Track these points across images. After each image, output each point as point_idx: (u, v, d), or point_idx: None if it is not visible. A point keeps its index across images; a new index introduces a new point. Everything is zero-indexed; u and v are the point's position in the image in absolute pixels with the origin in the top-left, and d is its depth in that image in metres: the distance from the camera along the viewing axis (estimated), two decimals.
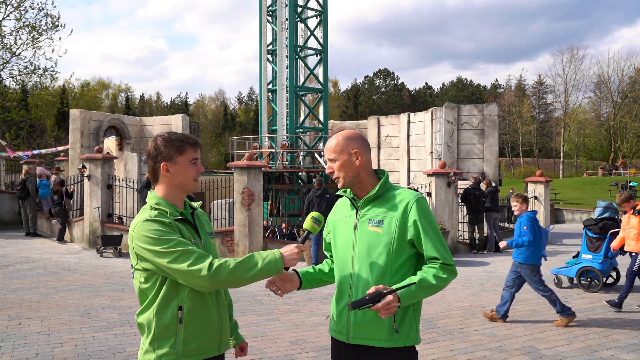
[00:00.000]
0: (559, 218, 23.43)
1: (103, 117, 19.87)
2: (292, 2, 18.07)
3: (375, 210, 2.28)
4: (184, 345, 2.10)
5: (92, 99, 59.87)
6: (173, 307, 2.10)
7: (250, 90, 79.64)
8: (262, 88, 19.17)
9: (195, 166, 2.21)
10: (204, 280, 1.99)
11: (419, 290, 2.15)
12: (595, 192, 30.89)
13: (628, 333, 5.89)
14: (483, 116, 17.94)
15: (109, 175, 13.30)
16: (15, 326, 6.02)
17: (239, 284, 2.08)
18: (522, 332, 5.92)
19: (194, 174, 2.21)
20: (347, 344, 2.28)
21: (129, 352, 5.12)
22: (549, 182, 15.96)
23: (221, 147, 60.86)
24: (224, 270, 2.00)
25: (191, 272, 1.99)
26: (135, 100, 74.12)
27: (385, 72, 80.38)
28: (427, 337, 5.65)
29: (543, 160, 63.37)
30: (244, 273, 2.03)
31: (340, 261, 2.35)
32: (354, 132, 2.39)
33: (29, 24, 26.43)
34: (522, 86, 69.67)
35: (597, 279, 8.12)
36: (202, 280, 1.99)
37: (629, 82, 56.01)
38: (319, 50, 19.15)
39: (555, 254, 12.99)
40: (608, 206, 8.46)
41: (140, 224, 2.09)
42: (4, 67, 27.62)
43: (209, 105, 78.41)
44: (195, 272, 1.99)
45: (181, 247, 2.03)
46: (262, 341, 5.55)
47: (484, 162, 17.81)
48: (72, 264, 10.69)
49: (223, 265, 2.01)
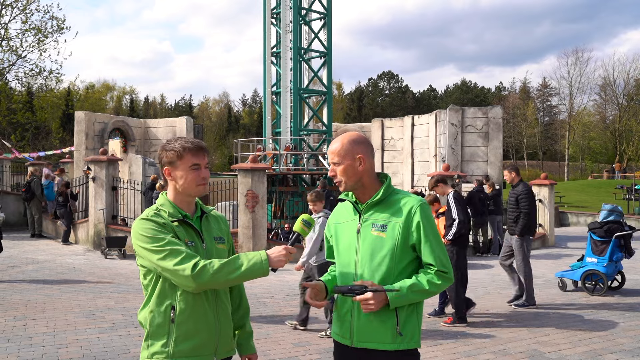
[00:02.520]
0: (563, 221, 23.36)
1: (108, 119, 19.96)
2: (296, 4, 18.11)
3: (379, 214, 2.29)
4: (176, 345, 2.11)
5: (97, 101, 60.12)
6: (166, 307, 2.13)
7: (254, 92, 79.80)
8: (266, 90, 19.21)
9: (197, 171, 2.21)
10: (189, 280, 2.02)
11: (410, 293, 2.19)
12: (600, 195, 30.76)
13: (633, 337, 5.87)
14: (487, 119, 17.92)
15: (114, 177, 13.35)
16: (21, 327, 6.05)
17: (224, 285, 2.11)
18: (526, 335, 5.91)
19: (195, 179, 2.21)
20: (351, 348, 2.29)
21: (134, 354, 5.14)
22: (554, 185, 15.93)
23: (225, 149, 60.95)
24: (208, 270, 2.02)
25: (176, 271, 2.03)
26: (139, 102, 74.39)
27: (389, 75, 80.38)
28: (430, 339, 5.64)
29: (547, 163, 63.15)
30: (228, 274, 2.04)
31: (342, 265, 2.35)
32: (358, 135, 2.37)
33: (34, 27, 26.62)
34: (526, 89, 69.50)
35: (602, 283, 8.09)
36: (187, 280, 2.02)
37: (635, 84, 55.75)
38: (323, 53, 19.19)
39: (560, 257, 12.95)
40: (613, 209, 8.43)
41: (137, 222, 2.18)
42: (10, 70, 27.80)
43: (213, 107, 78.60)
44: (180, 272, 2.02)
45: (170, 247, 2.07)
46: (266, 343, 5.56)
47: (488, 164, 17.78)
48: (77, 266, 10.74)
49: (207, 266, 2.03)
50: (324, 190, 10.95)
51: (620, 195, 27.58)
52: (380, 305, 2.16)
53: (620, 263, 8.37)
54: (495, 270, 11.05)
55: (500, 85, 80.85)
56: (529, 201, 7.35)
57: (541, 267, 11.45)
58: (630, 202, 24.96)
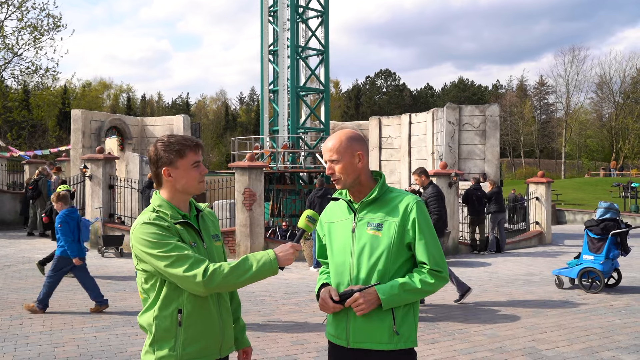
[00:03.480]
0: (560, 219, 23.42)
1: (105, 117, 19.90)
2: (293, 2, 18.08)
3: (374, 213, 2.26)
4: (184, 348, 2.10)
5: (94, 99, 60.00)
6: (173, 310, 2.10)
7: (251, 90, 79.75)
8: (263, 88, 19.18)
9: (198, 169, 2.19)
10: (199, 286, 2.00)
11: (403, 292, 2.16)
12: (596, 193, 30.86)
13: (629, 334, 5.89)
14: (484, 117, 17.94)
15: (111, 175, 13.32)
16: (17, 326, 6.04)
17: (234, 287, 2.09)
18: (523, 333, 5.92)
19: (196, 177, 2.19)
20: (346, 349, 2.27)
21: (131, 352, 5.13)
22: (551, 182, 15.96)
23: (222, 147, 60.92)
24: (219, 275, 2.00)
25: (186, 278, 2.00)
26: (136, 100, 74.20)
27: (387, 73, 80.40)
28: (428, 337, 5.65)
29: (544, 161, 63.29)
30: (238, 277, 2.03)
31: (337, 265, 2.31)
32: (355, 132, 2.34)
33: (30, 24, 26.53)
34: (523, 87, 69.61)
35: (599, 280, 8.12)
36: (198, 285, 2.00)
37: (631, 82, 55.92)
38: (320, 51, 19.16)
39: (557, 255, 12.98)
40: (609, 207, 8.46)
41: (139, 226, 2.10)
42: (6, 68, 27.70)
43: (210, 105, 78.47)
44: (190, 278, 1.99)
45: (177, 252, 2.02)
46: (264, 341, 5.56)
47: (486, 162, 17.81)
48: None
49: (217, 271, 2.01)
50: (321, 189, 10.94)
51: (616, 193, 27.65)
52: (372, 304, 2.15)
53: (617, 260, 8.40)
54: (493, 268, 11.07)
55: (497, 84, 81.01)
56: (439, 203, 7.55)
57: (538, 264, 11.48)
58: (627, 200, 25.06)
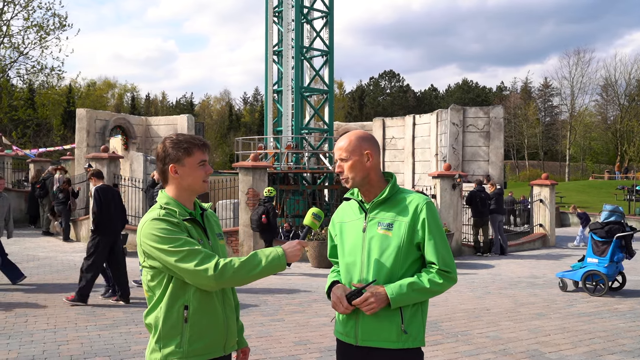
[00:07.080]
0: (564, 221, 23.36)
1: (109, 116, 19.96)
2: (298, 3, 18.11)
3: (385, 213, 2.29)
4: (190, 344, 2.11)
5: (98, 99, 60.20)
6: (179, 306, 2.12)
7: (255, 90, 79.78)
8: (267, 89, 19.21)
9: (204, 168, 2.23)
10: (210, 280, 2.03)
11: (411, 292, 2.18)
12: (601, 196, 30.73)
13: (634, 337, 5.87)
14: (489, 118, 17.91)
15: (115, 174, 13.36)
16: (22, 324, 6.06)
17: (244, 282, 2.12)
18: (527, 335, 5.91)
19: (202, 176, 2.22)
20: (355, 346, 2.28)
21: (134, 351, 5.14)
22: (555, 185, 15.94)
23: (226, 147, 60.95)
24: (230, 269, 2.03)
25: (197, 272, 2.02)
26: (140, 100, 74.40)
27: (391, 74, 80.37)
28: (431, 339, 5.65)
29: (548, 163, 63.12)
30: (249, 271, 2.06)
31: (348, 264, 2.34)
32: (365, 133, 2.39)
33: (36, 24, 26.59)
34: (528, 89, 69.44)
35: (603, 283, 8.09)
36: (209, 280, 2.02)
37: (636, 85, 55.71)
38: (325, 52, 19.18)
39: (561, 258, 12.95)
40: (614, 210, 8.44)
41: (148, 222, 2.12)
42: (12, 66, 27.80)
43: (214, 105, 78.57)
44: (202, 272, 2.02)
45: (188, 247, 2.05)
46: (267, 341, 5.57)
47: (489, 164, 17.78)
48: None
49: (228, 265, 2.04)
50: None
51: (621, 196, 27.57)
52: (382, 303, 2.16)
53: (621, 264, 8.38)
54: (496, 270, 11.05)
55: (501, 85, 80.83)
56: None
57: (542, 267, 11.46)
58: (631, 203, 24.97)
